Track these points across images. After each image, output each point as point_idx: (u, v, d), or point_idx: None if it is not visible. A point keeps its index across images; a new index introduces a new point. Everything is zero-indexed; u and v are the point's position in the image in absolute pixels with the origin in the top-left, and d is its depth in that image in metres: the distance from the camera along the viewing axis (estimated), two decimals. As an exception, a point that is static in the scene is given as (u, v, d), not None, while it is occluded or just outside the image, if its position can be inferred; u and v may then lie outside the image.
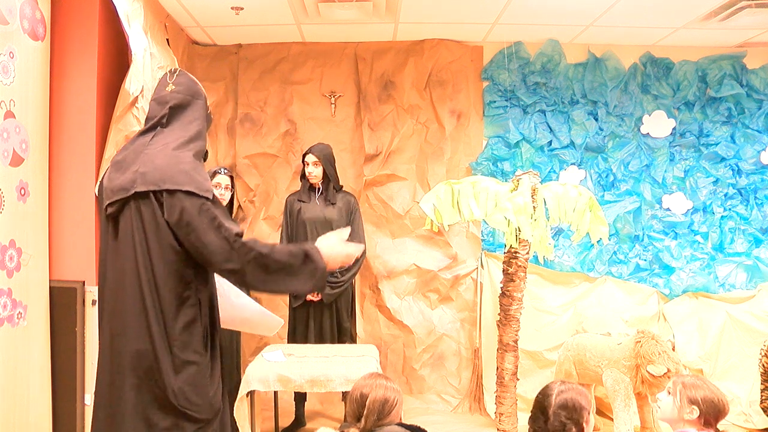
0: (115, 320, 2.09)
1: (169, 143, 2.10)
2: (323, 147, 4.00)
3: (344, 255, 2.14)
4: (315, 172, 3.94)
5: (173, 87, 2.22)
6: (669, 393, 2.24)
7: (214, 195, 2.07)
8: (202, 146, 2.19)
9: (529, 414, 2.17)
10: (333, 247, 2.12)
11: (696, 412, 2.15)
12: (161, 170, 2.01)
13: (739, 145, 4.56)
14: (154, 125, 2.16)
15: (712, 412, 2.17)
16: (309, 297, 3.87)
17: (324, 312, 3.96)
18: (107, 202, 2.08)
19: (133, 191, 2.02)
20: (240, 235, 2.01)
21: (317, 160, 3.93)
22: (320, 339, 3.94)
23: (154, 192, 2.00)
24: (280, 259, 2.03)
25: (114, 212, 2.07)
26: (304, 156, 3.99)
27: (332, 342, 3.95)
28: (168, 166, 2.02)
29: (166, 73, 2.23)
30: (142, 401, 2.03)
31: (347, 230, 2.25)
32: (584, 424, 2.06)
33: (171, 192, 1.99)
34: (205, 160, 2.29)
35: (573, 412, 2.04)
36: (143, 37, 3.24)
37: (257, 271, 2.02)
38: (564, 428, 2.03)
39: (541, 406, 2.11)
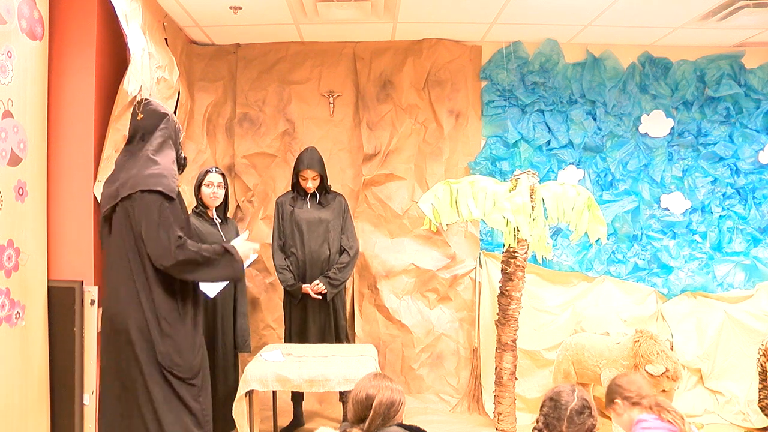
0: (111, 301, 2.57)
1: (143, 156, 2.62)
2: (316, 156, 3.99)
3: (249, 250, 2.83)
4: (313, 185, 3.97)
5: (141, 116, 2.72)
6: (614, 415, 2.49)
7: (179, 194, 2.61)
8: (171, 154, 2.71)
9: (540, 404, 2.21)
10: (242, 246, 2.76)
11: (620, 403, 2.41)
12: (135, 177, 2.54)
13: (738, 145, 4.57)
14: (132, 146, 2.68)
15: (625, 391, 2.41)
16: (313, 294, 3.88)
17: (322, 311, 3.98)
18: (103, 208, 2.64)
19: (118, 198, 2.55)
20: (181, 237, 2.53)
21: (316, 174, 3.94)
22: (321, 338, 3.95)
23: (132, 194, 2.51)
24: (205, 254, 2.59)
25: (107, 215, 2.60)
26: (299, 170, 3.96)
27: (332, 341, 3.97)
28: (140, 172, 2.55)
29: (136, 104, 2.75)
30: (142, 364, 2.51)
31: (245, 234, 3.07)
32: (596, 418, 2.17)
33: (142, 191, 2.51)
34: (183, 164, 2.85)
35: (591, 405, 2.15)
36: (141, 36, 3.24)
37: (191, 266, 2.55)
38: (583, 411, 2.09)
39: (556, 393, 2.16)
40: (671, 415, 2.38)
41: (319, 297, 3.90)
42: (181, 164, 2.83)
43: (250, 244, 2.86)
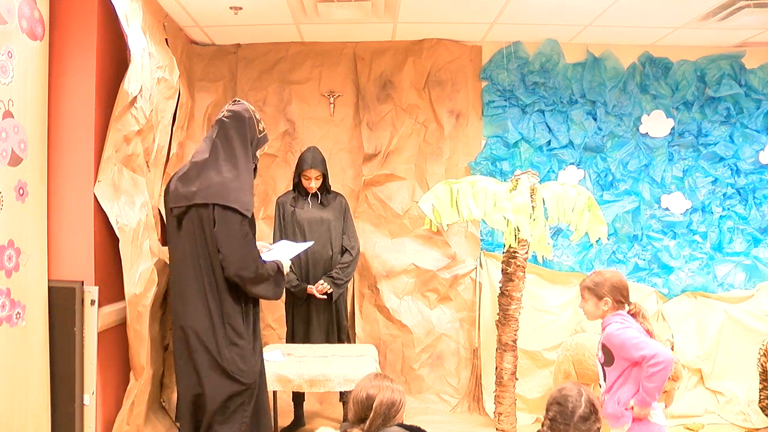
0: (178, 298, 2.70)
1: (223, 164, 2.69)
2: (319, 156, 3.99)
3: (287, 264, 2.97)
4: (316, 184, 3.96)
5: (226, 113, 2.81)
6: (584, 299, 2.81)
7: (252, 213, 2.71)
8: (250, 166, 2.79)
9: (546, 407, 2.21)
10: (285, 263, 2.92)
11: (608, 302, 2.70)
12: (215, 187, 2.64)
13: (738, 145, 4.57)
14: (209, 146, 2.74)
15: (618, 294, 2.72)
16: (318, 295, 3.88)
17: (326, 311, 3.99)
18: (174, 205, 2.74)
19: (193, 202, 2.66)
20: (259, 254, 2.70)
21: (320, 174, 3.94)
22: (325, 339, 3.96)
23: (209, 204, 2.62)
24: (270, 272, 2.75)
25: (179, 214, 2.71)
26: (302, 169, 3.95)
27: (335, 341, 3.97)
28: (221, 185, 2.64)
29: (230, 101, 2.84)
30: (203, 367, 2.63)
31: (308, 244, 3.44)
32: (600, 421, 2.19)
33: (221, 206, 2.62)
34: (256, 170, 2.93)
35: (597, 409, 2.16)
36: (142, 36, 3.24)
37: (260, 281, 2.69)
38: (589, 417, 2.10)
39: (563, 396, 2.16)
40: (647, 324, 2.68)
41: (324, 297, 3.90)
42: (255, 170, 2.90)
43: (301, 245, 3.30)
